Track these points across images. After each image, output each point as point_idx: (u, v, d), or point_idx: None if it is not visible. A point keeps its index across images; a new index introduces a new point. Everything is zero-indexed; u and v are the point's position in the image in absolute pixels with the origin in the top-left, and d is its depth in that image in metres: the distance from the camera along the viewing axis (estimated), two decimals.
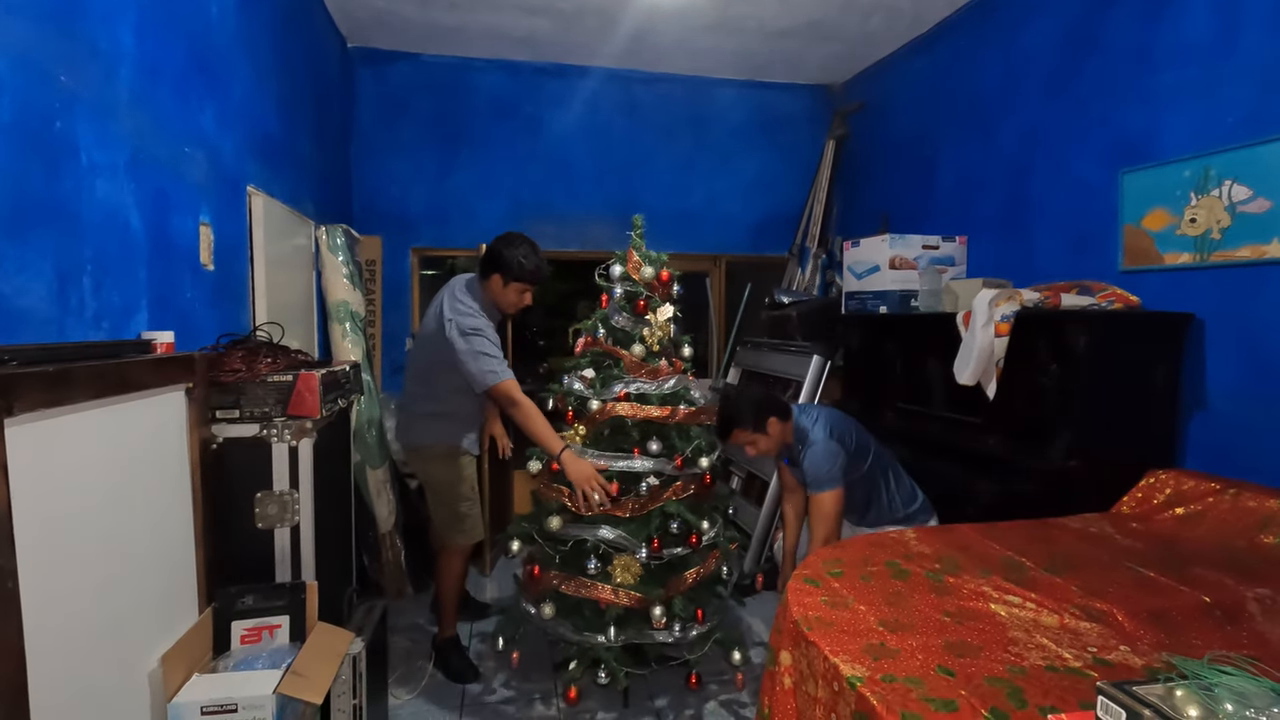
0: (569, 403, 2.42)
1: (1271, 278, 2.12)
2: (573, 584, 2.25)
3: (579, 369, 2.42)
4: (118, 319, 1.55)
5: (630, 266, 2.40)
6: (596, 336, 2.45)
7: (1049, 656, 1.31)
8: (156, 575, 1.52)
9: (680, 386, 2.37)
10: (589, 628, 2.28)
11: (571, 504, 2.27)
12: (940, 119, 3.72)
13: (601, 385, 2.34)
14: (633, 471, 2.28)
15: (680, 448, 2.34)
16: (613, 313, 2.43)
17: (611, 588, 2.21)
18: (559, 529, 2.28)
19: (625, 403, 2.29)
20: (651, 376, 2.34)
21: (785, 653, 1.52)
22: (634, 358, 2.34)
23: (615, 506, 2.26)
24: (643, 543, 2.23)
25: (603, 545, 2.25)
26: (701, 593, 2.41)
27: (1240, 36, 2.23)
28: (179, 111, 1.87)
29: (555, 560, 2.31)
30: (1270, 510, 1.94)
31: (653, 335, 2.37)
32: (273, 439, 1.84)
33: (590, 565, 2.23)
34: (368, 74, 4.12)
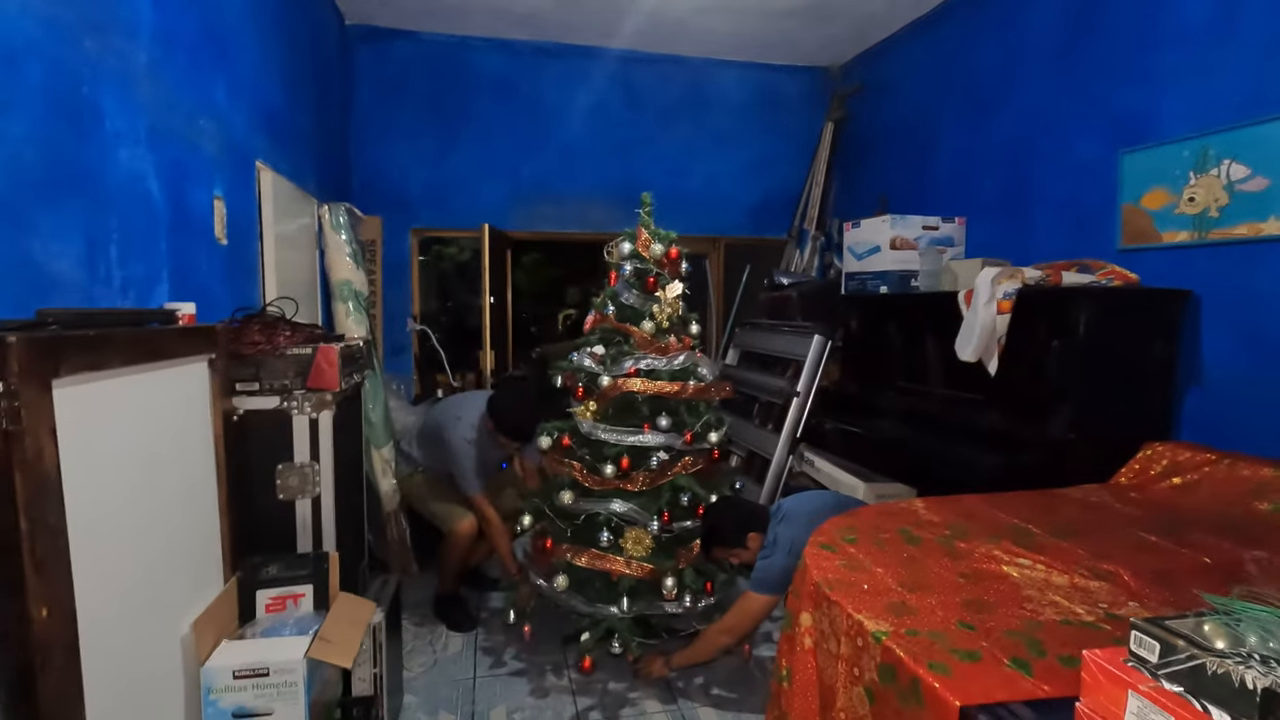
0: (579, 379, 2.45)
1: (1268, 254, 2.18)
2: (585, 556, 2.28)
3: (589, 345, 2.45)
4: (142, 289, 1.56)
5: (640, 244, 2.42)
6: (606, 313, 2.48)
7: (1063, 612, 1.36)
8: (186, 543, 1.53)
9: (690, 362, 2.40)
10: (600, 600, 2.32)
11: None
12: (939, 101, 3.76)
13: (612, 361, 2.37)
14: (643, 446, 2.31)
15: (689, 423, 2.37)
16: (622, 290, 2.46)
17: (624, 559, 2.25)
18: (570, 503, 2.32)
19: (636, 378, 2.31)
20: (661, 353, 2.37)
21: (805, 614, 1.57)
22: (644, 334, 2.37)
23: (626, 481, 2.30)
24: (654, 516, 2.27)
25: (615, 518, 2.28)
26: (704, 570, 2.45)
27: (1239, 17, 2.27)
28: (192, 82, 1.86)
29: (567, 534, 2.35)
30: (1264, 478, 2.01)
31: (662, 312, 2.40)
32: (293, 411, 1.85)
33: (603, 538, 2.27)
34: (366, 52, 4.08)
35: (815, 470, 3.60)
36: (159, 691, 1.40)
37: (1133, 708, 0.78)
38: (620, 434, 2.31)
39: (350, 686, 1.92)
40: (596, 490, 2.32)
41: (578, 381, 2.45)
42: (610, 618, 2.28)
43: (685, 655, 2.38)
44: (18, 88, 1.15)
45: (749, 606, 2.27)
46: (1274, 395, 2.18)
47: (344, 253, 3.29)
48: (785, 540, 2.27)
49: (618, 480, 2.29)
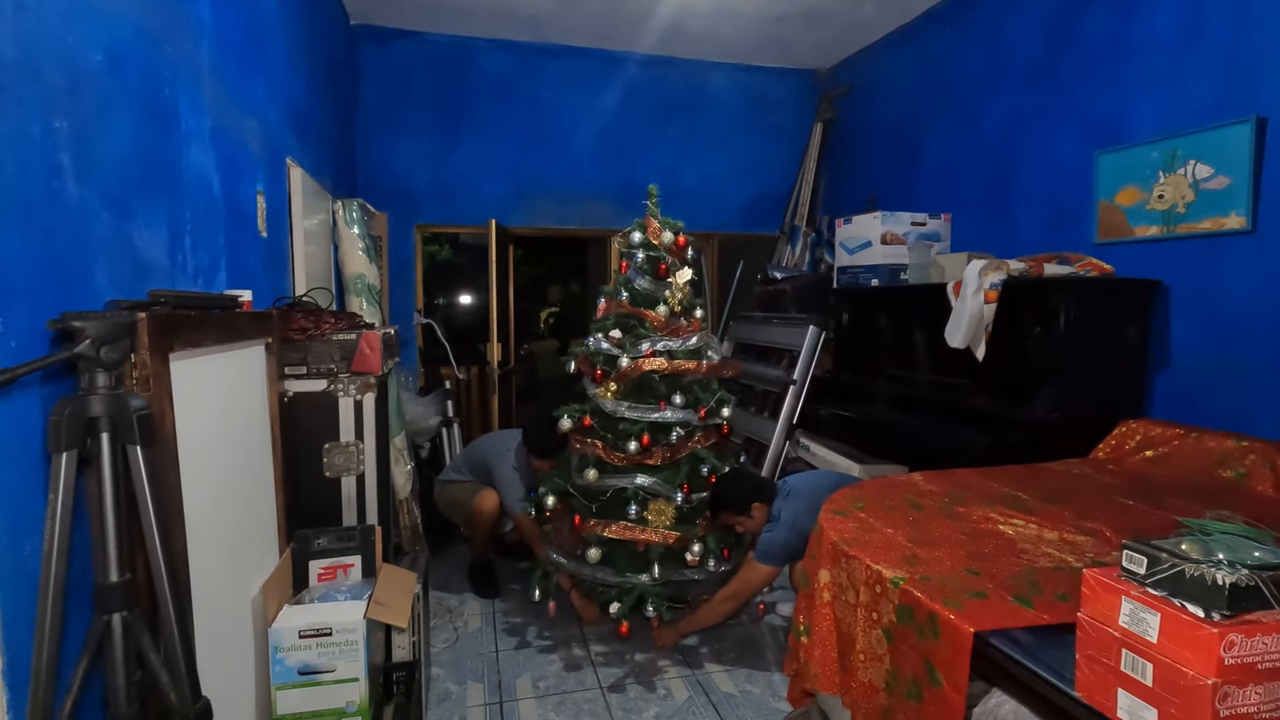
0: (596, 362, 2.57)
1: (1228, 247, 2.39)
2: (616, 528, 2.42)
3: (605, 330, 2.58)
4: (208, 277, 1.66)
5: (650, 233, 2.57)
6: (619, 300, 2.61)
7: (1055, 560, 1.54)
8: (253, 512, 1.65)
9: (703, 343, 2.56)
10: (629, 570, 2.47)
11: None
12: (925, 103, 3.95)
13: (630, 344, 2.51)
14: (663, 422, 2.46)
15: (703, 399, 2.52)
16: (635, 276, 2.60)
17: (653, 529, 2.39)
18: (595, 480, 2.45)
19: (656, 358, 2.45)
20: (675, 334, 2.52)
21: (824, 571, 1.73)
22: (659, 317, 2.51)
23: (647, 456, 2.45)
24: (675, 488, 2.41)
25: (641, 491, 2.42)
26: (725, 534, 2.60)
27: (1204, 30, 2.48)
28: (242, 83, 1.96)
29: (593, 510, 2.48)
30: (1227, 449, 2.22)
31: (674, 296, 2.55)
32: (339, 393, 1.96)
33: (631, 510, 2.41)
34: (371, 51, 4.17)
35: (811, 455, 3.77)
36: (236, 646, 1.51)
37: (1126, 610, 0.94)
38: (642, 411, 2.45)
39: (391, 653, 2.05)
40: (620, 466, 2.45)
41: (595, 365, 2.57)
42: (640, 585, 2.42)
43: (692, 621, 2.53)
44: (122, 89, 1.26)
45: (752, 576, 2.43)
46: (1234, 375, 2.39)
47: (358, 247, 3.39)
48: (789, 517, 2.42)
49: (639, 456, 2.43)
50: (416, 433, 3.91)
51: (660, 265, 2.56)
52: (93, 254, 1.17)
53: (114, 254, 1.23)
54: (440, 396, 4.05)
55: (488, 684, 2.39)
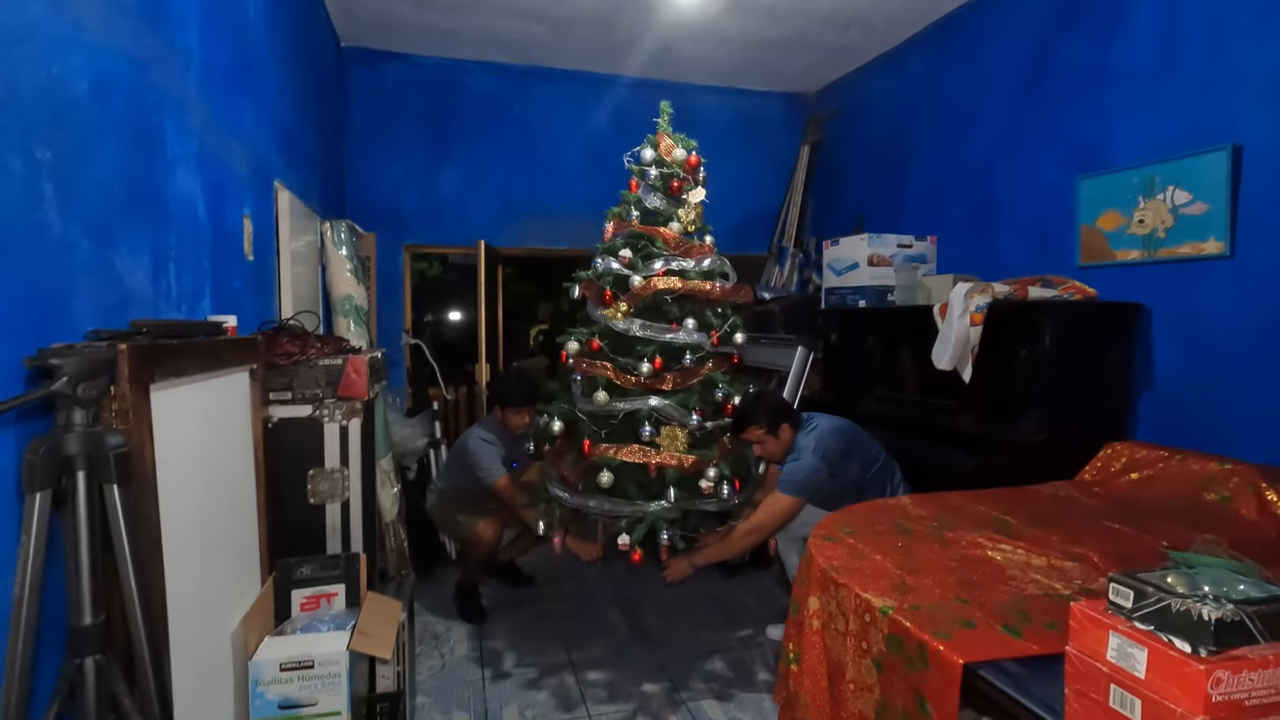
0: (604, 283, 2.49)
1: (1208, 271, 2.43)
2: (629, 450, 2.34)
3: (614, 251, 2.50)
4: (192, 303, 1.65)
5: (663, 149, 2.52)
6: (629, 220, 2.55)
7: (1043, 587, 1.54)
8: (234, 543, 1.62)
9: (717, 265, 2.50)
10: (640, 497, 2.38)
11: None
12: (910, 127, 4.01)
13: (642, 261, 2.44)
14: (676, 344, 2.40)
15: (715, 324, 2.46)
16: (646, 194, 2.52)
17: (669, 453, 2.32)
18: (605, 403, 2.37)
19: (669, 277, 2.38)
20: (688, 254, 2.46)
21: (813, 598, 1.72)
22: (674, 235, 2.46)
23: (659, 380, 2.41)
24: (690, 411, 2.36)
25: (654, 413, 2.35)
26: (739, 464, 2.54)
27: (1180, 59, 2.54)
28: (229, 107, 1.96)
29: (602, 436, 2.41)
30: (1211, 472, 2.24)
31: (687, 215, 2.48)
32: (325, 419, 1.94)
33: (645, 431, 2.34)
34: (361, 73, 4.19)
35: None
36: (214, 683, 1.48)
37: (1113, 644, 0.94)
38: (655, 330, 2.38)
39: (375, 683, 2.01)
40: (631, 390, 2.39)
41: (603, 287, 2.49)
42: (653, 513, 2.33)
43: (709, 553, 2.48)
44: (108, 117, 1.25)
45: (775, 506, 2.40)
46: (1216, 398, 2.42)
47: (345, 268, 3.38)
48: (817, 444, 2.43)
49: (651, 380, 2.36)
50: (404, 454, 3.88)
51: (673, 182, 2.50)
52: (73, 284, 1.15)
53: (95, 283, 1.21)
54: (428, 418, 4.02)
55: (474, 713, 2.36)
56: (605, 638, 2.89)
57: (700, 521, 2.58)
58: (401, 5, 3.64)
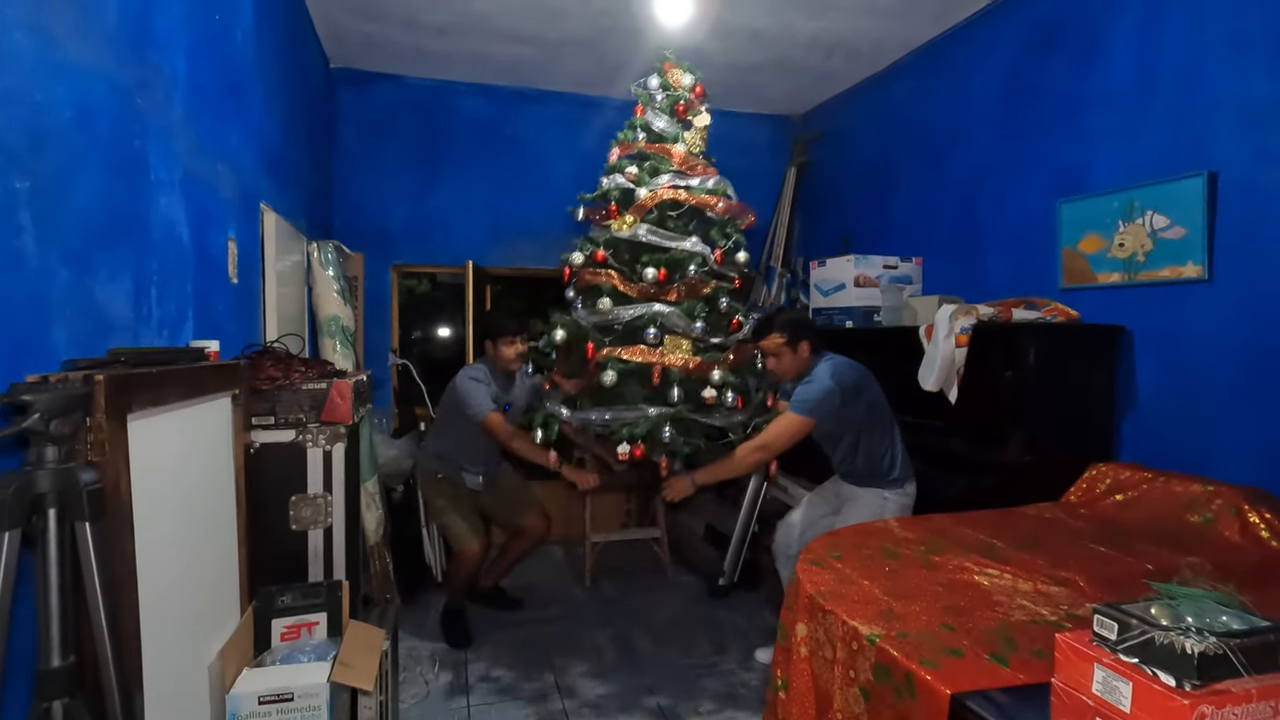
0: (610, 197, 2.56)
1: (1187, 295, 2.47)
2: (632, 350, 2.33)
3: (619, 170, 2.57)
4: (174, 328, 1.63)
5: (671, 77, 2.63)
6: (634, 141, 2.63)
7: (1030, 613, 1.54)
8: (213, 573, 1.59)
9: (721, 185, 2.56)
10: (643, 401, 2.36)
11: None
12: (896, 149, 4.06)
13: (649, 175, 2.49)
14: (680, 255, 2.42)
15: (719, 242, 2.50)
16: (652, 118, 2.61)
17: (675, 356, 2.32)
18: (609, 310, 2.39)
19: (675, 190, 2.43)
20: (694, 171, 2.51)
21: (801, 625, 1.70)
22: (680, 153, 2.52)
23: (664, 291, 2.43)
24: (694, 320, 2.36)
25: (659, 319, 2.36)
26: (741, 379, 2.54)
27: (1156, 88, 2.59)
28: (215, 131, 1.95)
29: (606, 340, 2.42)
30: (1194, 494, 2.25)
31: (694, 137, 2.56)
32: (308, 444, 1.92)
33: (649, 334, 2.33)
34: (350, 94, 4.20)
35: (789, 496, 3.76)
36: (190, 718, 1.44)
37: (1099, 677, 0.94)
38: (663, 237, 2.40)
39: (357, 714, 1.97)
40: (635, 298, 2.41)
41: (609, 201, 2.55)
42: (654, 417, 2.31)
43: (713, 471, 2.45)
44: (90, 144, 1.25)
45: (784, 424, 2.38)
46: (1197, 420, 2.44)
47: (332, 289, 3.36)
48: (828, 371, 2.43)
49: (656, 290, 2.39)
50: (389, 476, 3.83)
51: (679, 104, 2.57)
52: (51, 312, 1.14)
53: (74, 311, 1.20)
54: (415, 438, 3.98)
55: None
56: (592, 661, 2.86)
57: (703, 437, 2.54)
58: (392, 28, 3.66)
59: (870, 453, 2.55)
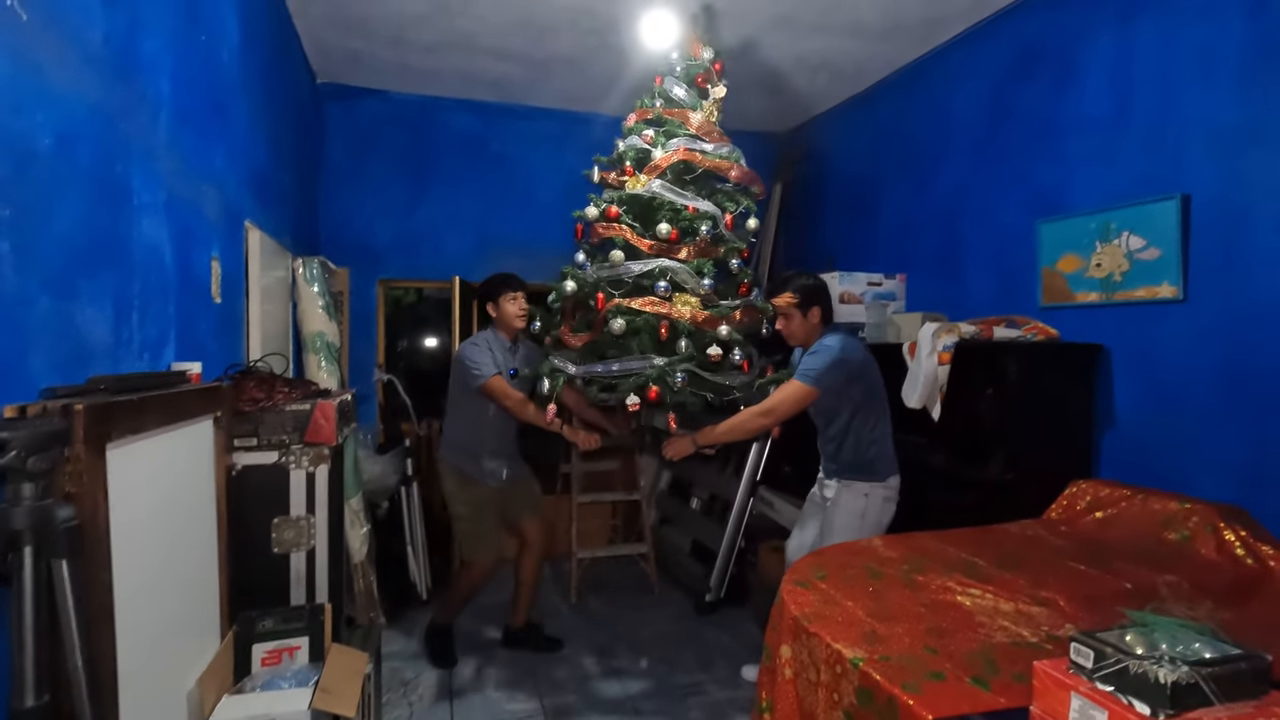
0: (626, 158, 2.64)
1: (1163, 315, 2.52)
2: (642, 300, 2.35)
3: (638, 132, 2.66)
4: (155, 351, 1.62)
5: (694, 49, 2.72)
6: (652, 106, 2.70)
7: (1011, 635, 1.55)
8: (193, 598, 1.57)
9: (735, 153, 2.62)
10: (651, 351, 2.37)
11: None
12: (879, 168, 4.12)
13: (665, 138, 2.56)
14: (695, 212, 2.45)
15: (729, 207, 2.54)
16: (671, 86, 2.69)
17: (684, 308, 2.34)
18: (620, 262, 2.42)
19: (690, 152, 2.48)
20: (710, 139, 2.57)
21: (785, 647, 1.71)
22: (698, 119, 2.59)
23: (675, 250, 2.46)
24: (703, 278, 2.38)
25: (669, 272, 2.38)
26: (744, 347, 2.55)
27: (1130, 113, 2.65)
28: (200, 152, 1.95)
29: (615, 295, 2.43)
30: (1171, 511, 2.29)
31: (711, 106, 2.64)
32: (291, 466, 1.91)
33: (659, 287, 2.35)
34: (336, 109, 4.20)
35: (775, 511, 3.78)
36: None
37: (1075, 706, 0.95)
38: (676, 195, 2.44)
39: None
40: (646, 254, 2.43)
41: (624, 161, 2.63)
42: (661, 366, 2.31)
43: (715, 433, 2.45)
44: (72, 170, 1.24)
45: (789, 391, 2.39)
46: (1173, 438, 2.48)
47: (317, 305, 3.35)
48: (837, 344, 2.45)
49: (667, 248, 2.42)
50: (374, 492, 3.81)
51: (698, 76, 2.66)
52: (30, 341, 1.13)
53: (53, 338, 1.19)
54: (400, 454, 3.96)
55: None
56: (578, 681, 2.84)
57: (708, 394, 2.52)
58: (379, 45, 3.67)
59: (859, 439, 2.53)
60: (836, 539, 2.42)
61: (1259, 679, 0.92)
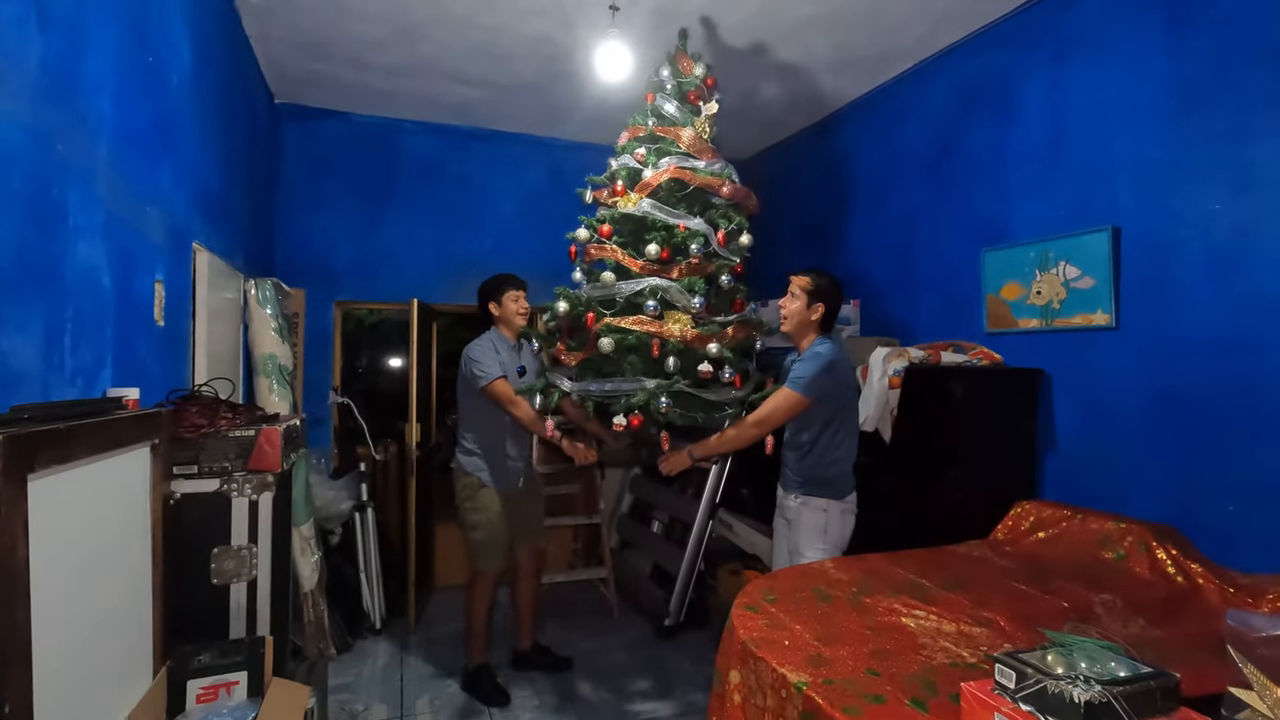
0: (617, 177, 2.61)
1: (1097, 341, 2.63)
2: (633, 320, 2.33)
3: (630, 150, 2.64)
4: (90, 376, 1.57)
5: (684, 66, 2.70)
6: (644, 124, 2.69)
7: (952, 656, 1.58)
8: (121, 635, 1.52)
9: (727, 170, 2.61)
10: (641, 373, 2.35)
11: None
12: (835, 197, 4.23)
13: (657, 156, 2.54)
14: (685, 231, 2.42)
15: (722, 224, 2.53)
16: (662, 103, 2.66)
17: (674, 328, 2.32)
18: (611, 284, 2.41)
19: (682, 170, 2.47)
20: (701, 155, 2.57)
21: (734, 672, 1.71)
22: (690, 136, 2.57)
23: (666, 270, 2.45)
24: (695, 295, 2.36)
25: (659, 292, 2.35)
26: (737, 363, 2.53)
27: (1065, 148, 2.79)
28: (144, 173, 1.92)
29: (607, 314, 2.41)
30: (1108, 531, 2.37)
31: (703, 123, 2.61)
32: (233, 493, 1.86)
33: (649, 306, 2.33)
34: (295, 129, 4.16)
35: (734, 534, 3.79)
36: None
37: None
38: (668, 214, 2.42)
39: None
40: (638, 274, 2.42)
41: (614, 181, 2.60)
42: (650, 389, 2.28)
43: (709, 445, 2.46)
44: (3, 194, 1.21)
45: (781, 400, 2.40)
46: (1109, 459, 2.58)
47: (269, 327, 3.29)
48: (826, 352, 2.46)
49: (658, 267, 2.40)
50: (327, 519, 3.73)
51: (690, 92, 2.65)
52: None
53: None
54: (355, 479, 3.89)
55: None
56: (534, 708, 2.79)
57: (699, 412, 2.50)
58: (339, 67, 3.66)
59: (824, 453, 2.53)
60: (808, 559, 2.44)
61: (1168, 696, 0.96)
